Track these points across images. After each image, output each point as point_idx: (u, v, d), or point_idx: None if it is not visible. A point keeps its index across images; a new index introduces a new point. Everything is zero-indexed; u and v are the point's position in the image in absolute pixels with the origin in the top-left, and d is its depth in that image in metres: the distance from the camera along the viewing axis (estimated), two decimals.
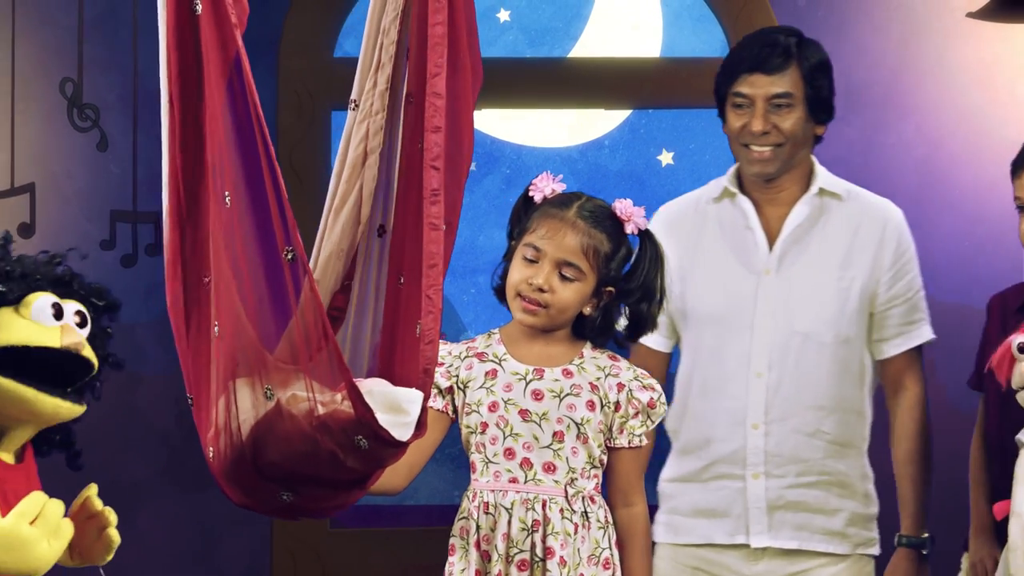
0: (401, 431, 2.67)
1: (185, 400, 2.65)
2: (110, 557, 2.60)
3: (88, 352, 2.60)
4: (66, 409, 2.57)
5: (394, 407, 2.67)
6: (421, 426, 2.69)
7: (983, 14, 4.59)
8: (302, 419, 2.66)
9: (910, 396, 3.73)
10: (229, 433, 2.69)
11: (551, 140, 5.22)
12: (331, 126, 4.95)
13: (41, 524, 2.44)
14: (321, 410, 2.64)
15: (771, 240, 3.67)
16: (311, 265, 2.91)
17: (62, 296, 2.59)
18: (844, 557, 3.63)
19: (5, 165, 4.72)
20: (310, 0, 4.91)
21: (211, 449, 2.69)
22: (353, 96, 2.97)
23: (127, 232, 4.80)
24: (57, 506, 2.47)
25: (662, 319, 3.33)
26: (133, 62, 4.78)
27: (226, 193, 2.68)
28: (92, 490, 2.57)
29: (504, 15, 5.09)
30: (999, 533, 3.29)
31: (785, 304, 3.63)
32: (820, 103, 3.64)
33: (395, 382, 2.74)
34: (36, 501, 2.45)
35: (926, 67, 4.81)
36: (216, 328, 2.66)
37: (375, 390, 2.69)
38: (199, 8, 2.66)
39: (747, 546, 3.64)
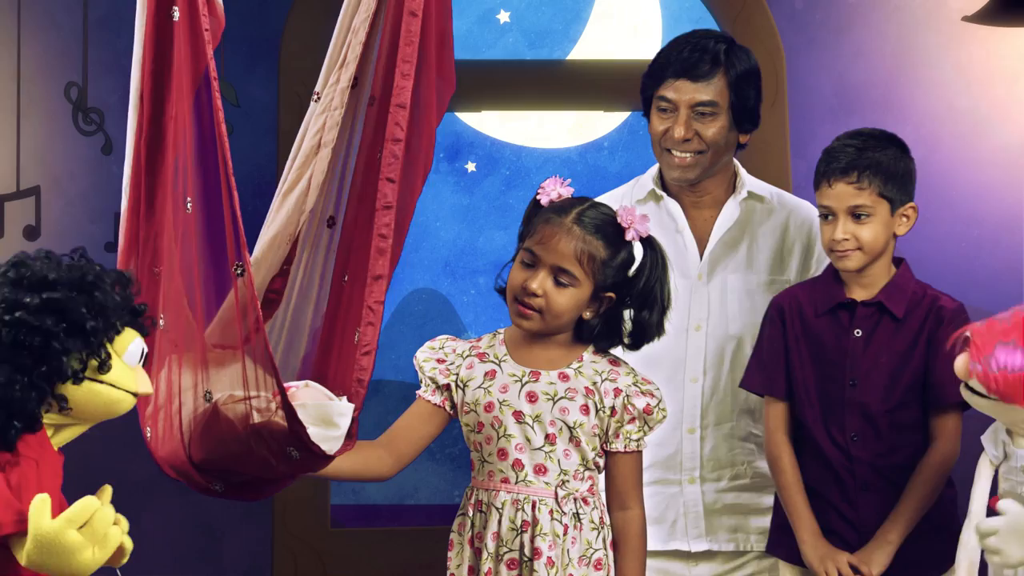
0: (330, 444, 2.76)
1: None
2: (124, 560, 2.62)
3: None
4: (133, 403, 2.62)
5: (325, 420, 2.74)
6: (351, 436, 2.78)
7: (979, 18, 4.60)
8: (237, 423, 2.75)
9: None
10: (168, 416, 2.78)
11: (551, 141, 5.24)
12: None
13: (88, 532, 2.44)
14: (256, 418, 2.72)
15: (700, 243, 3.68)
16: (257, 244, 2.99)
17: (136, 328, 2.61)
18: None
19: (11, 168, 4.74)
20: (311, 2, 4.93)
21: (148, 429, 2.80)
22: (317, 88, 3.03)
23: None
24: (107, 514, 2.47)
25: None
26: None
27: (188, 199, 2.74)
28: (106, 495, 2.57)
29: (504, 16, 5.11)
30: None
31: (719, 308, 3.66)
32: (745, 112, 3.62)
33: (327, 384, 2.82)
34: (87, 507, 2.45)
35: (923, 69, 4.82)
36: (161, 321, 2.72)
37: (309, 404, 2.76)
38: (176, 15, 2.72)
39: (685, 550, 3.66)
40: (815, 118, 4.66)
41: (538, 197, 3.17)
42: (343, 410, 2.75)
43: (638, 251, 3.16)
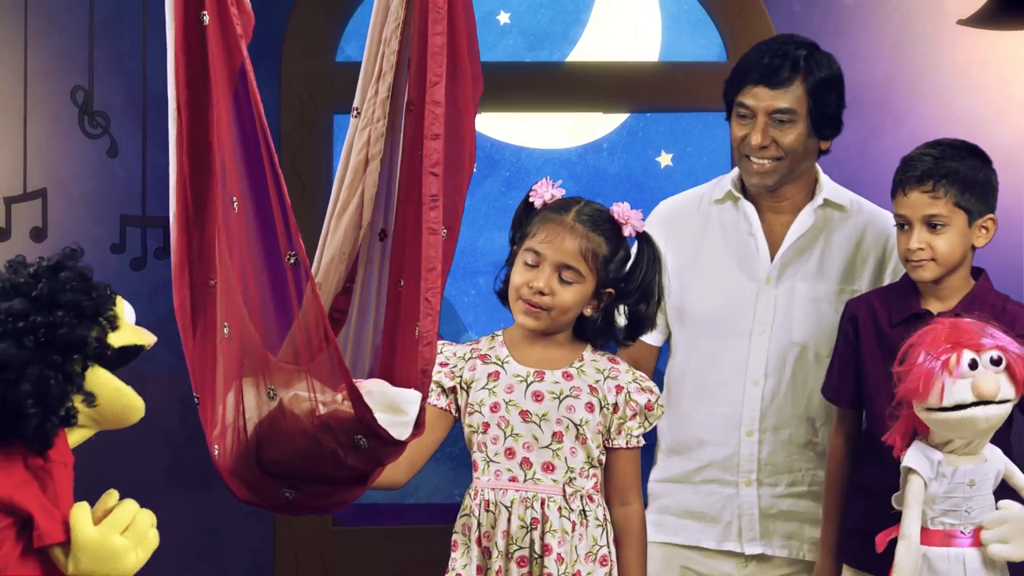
0: (400, 430, 2.72)
1: (189, 400, 2.72)
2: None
3: None
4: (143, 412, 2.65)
5: (393, 407, 2.72)
6: (419, 425, 2.74)
7: (974, 21, 4.62)
8: (304, 418, 2.72)
9: None
10: (236, 431, 2.75)
11: (551, 142, 5.25)
12: (333, 130, 4.98)
13: (131, 535, 2.49)
14: (322, 410, 2.70)
15: (773, 248, 3.66)
16: (314, 268, 2.97)
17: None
18: None
19: (18, 171, 4.76)
20: (312, 4, 4.95)
21: (216, 447, 2.75)
22: (355, 104, 3.02)
23: (136, 236, 4.84)
24: (147, 516, 2.52)
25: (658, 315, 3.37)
26: (142, 67, 4.82)
27: (234, 199, 2.73)
28: (114, 497, 2.60)
29: (504, 17, 5.13)
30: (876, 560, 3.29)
31: (785, 314, 3.63)
32: (824, 119, 3.59)
33: (394, 382, 2.79)
34: (128, 511, 2.51)
35: (920, 71, 4.84)
36: (226, 329, 2.71)
37: (374, 391, 2.74)
38: (206, 19, 2.72)
39: (739, 552, 3.66)
40: None
41: (531, 199, 3.22)
42: (410, 397, 2.72)
43: (633, 246, 3.21)
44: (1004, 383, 3.10)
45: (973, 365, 3.08)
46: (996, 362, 3.09)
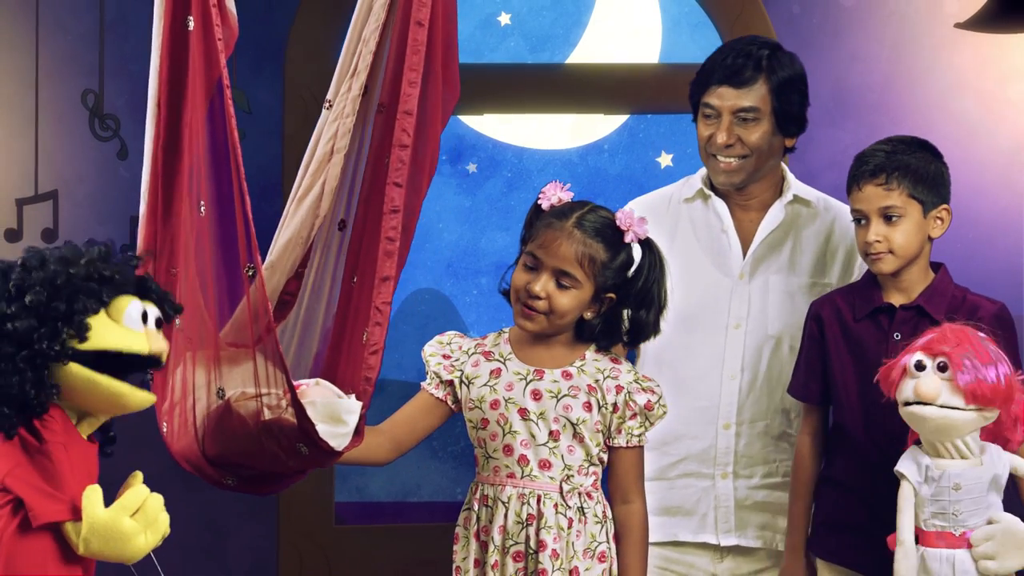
0: (338, 441, 2.83)
1: None
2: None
3: (165, 355, 2.69)
4: (149, 401, 2.65)
5: (334, 417, 2.81)
6: (359, 433, 2.84)
7: (971, 24, 4.64)
8: (249, 419, 2.82)
9: None
10: (183, 412, 2.84)
11: (552, 143, 5.27)
12: None
13: (141, 517, 2.55)
14: (267, 414, 2.80)
15: (744, 244, 3.72)
16: (270, 249, 3.06)
17: (142, 298, 2.65)
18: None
19: (29, 173, 4.79)
20: (316, 6, 4.97)
21: (164, 424, 2.88)
22: (328, 96, 3.09)
23: None
24: (157, 500, 2.58)
25: None
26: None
27: (201, 203, 2.81)
28: (138, 479, 2.65)
29: (505, 19, 5.15)
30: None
31: (760, 308, 3.69)
32: (789, 117, 3.66)
33: (336, 382, 2.90)
34: (139, 494, 2.56)
35: (919, 73, 4.86)
36: (177, 320, 2.79)
37: (318, 401, 2.83)
38: (191, 24, 2.78)
39: (712, 544, 3.70)
40: (812, 121, 4.68)
41: (539, 202, 3.24)
42: (351, 407, 2.82)
43: (637, 252, 3.23)
44: (945, 389, 3.13)
45: (920, 367, 3.13)
46: (942, 368, 3.13)
